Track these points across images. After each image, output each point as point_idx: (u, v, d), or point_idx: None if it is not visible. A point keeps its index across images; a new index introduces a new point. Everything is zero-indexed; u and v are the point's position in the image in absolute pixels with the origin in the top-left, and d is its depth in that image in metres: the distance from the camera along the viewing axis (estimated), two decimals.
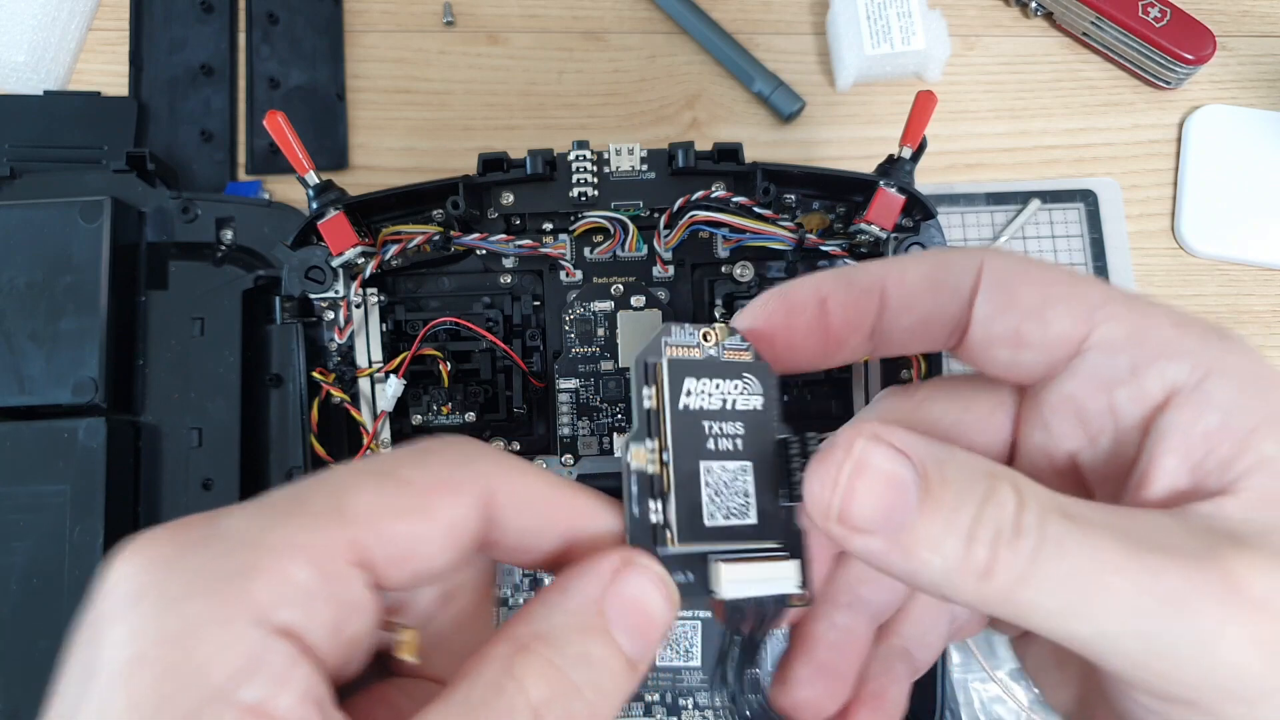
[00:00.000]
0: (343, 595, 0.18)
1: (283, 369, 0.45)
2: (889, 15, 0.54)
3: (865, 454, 0.20)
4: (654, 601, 0.20)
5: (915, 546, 0.19)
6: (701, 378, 0.23)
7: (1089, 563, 0.18)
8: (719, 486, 0.23)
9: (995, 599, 0.19)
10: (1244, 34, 0.58)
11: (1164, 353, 0.21)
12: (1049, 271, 0.22)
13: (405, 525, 0.19)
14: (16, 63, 0.51)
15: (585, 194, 0.43)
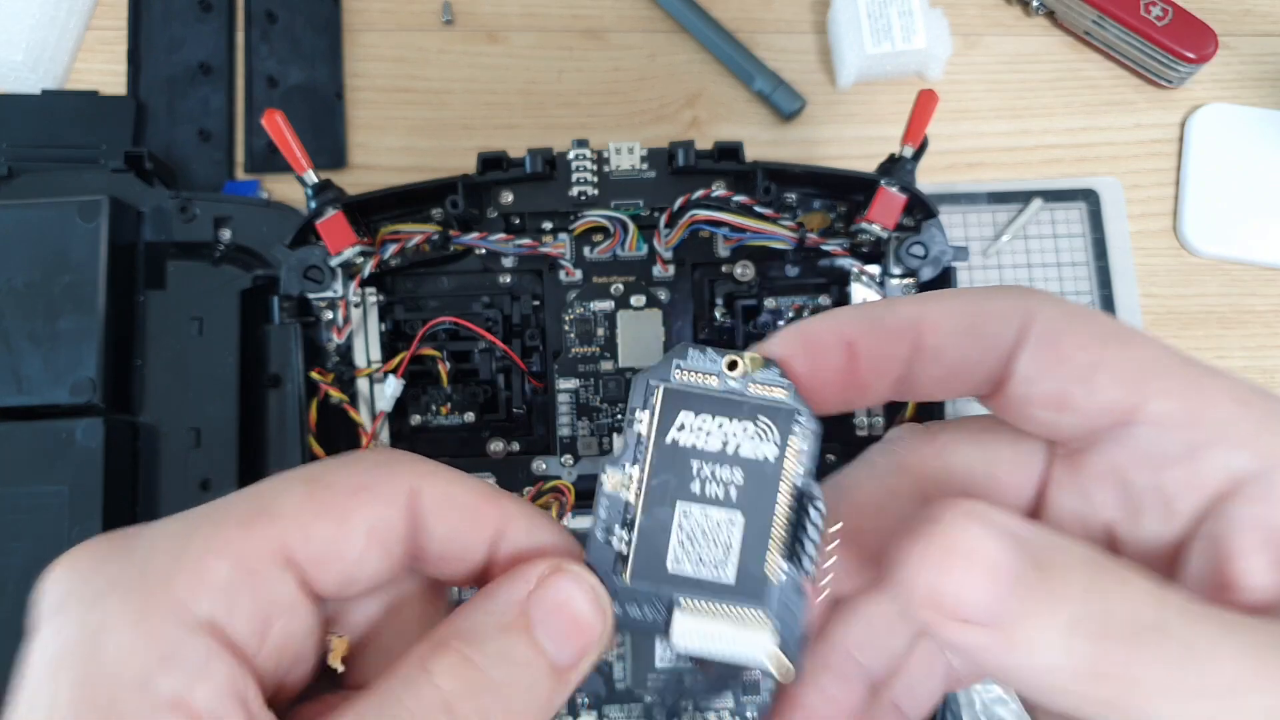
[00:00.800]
0: (267, 593, 0.19)
1: (281, 369, 0.45)
2: (890, 14, 0.54)
3: (965, 532, 0.18)
4: (582, 607, 0.20)
5: (1024, 640, 0.17)
6: (702, 413, 0.21)
7: (1222, 672, 0.16)
8: (694, 533, 0.21)
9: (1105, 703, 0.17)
10: (1246, 33, 0.57)
11: (1225, 437, 0.19)
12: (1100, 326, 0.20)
13: (327, 525, 0.19)
14: (14, 62, 0.51)
15: (585, 193, 0.43)
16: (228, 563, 0.18)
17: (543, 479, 0.43)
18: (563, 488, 0.42)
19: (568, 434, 0.43)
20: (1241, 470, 0.19)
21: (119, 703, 0.17)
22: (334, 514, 0.20)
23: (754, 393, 0.21)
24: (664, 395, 0.21)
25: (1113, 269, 0.54)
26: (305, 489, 0.20)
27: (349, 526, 0.20)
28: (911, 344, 0.21)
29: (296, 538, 0.19)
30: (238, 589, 0.18)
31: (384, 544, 0.20)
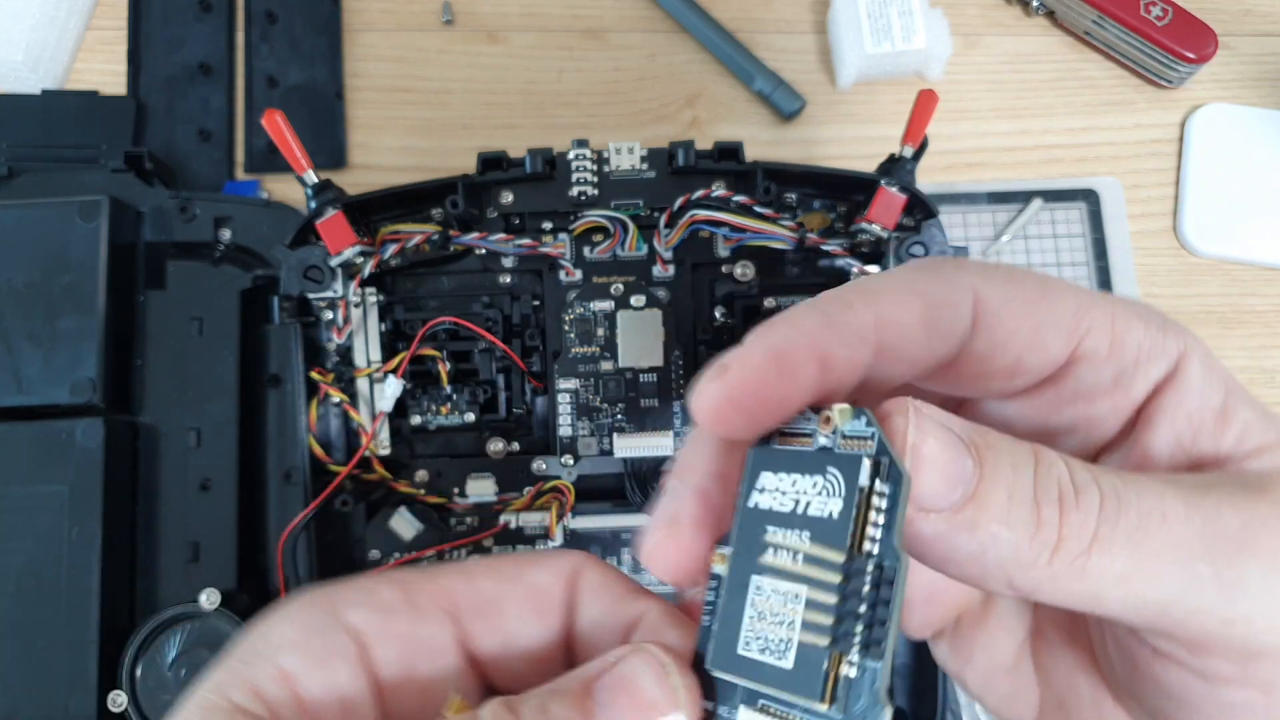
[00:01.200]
0: (421, 631, 0.21)
1: (281, 369, 0.45)
2: (890, 14, 0.54)
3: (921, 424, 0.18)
4: (646, 683, 0.19)
5: (982, 519, 0.18)
6: (780, 471, 0.19)
7: (1153, 513, 0.18)
8: (764, 610, 0.18)
9: (1062, 572, 0.18)
10: (1246, 33, 0.57)
11: (1142, 354, 0.21)
12: (1033, 288, 0.21)
13: (491, 580, 0.21)
14: (14, 62, 0.51)
15: (585, 193, 0.43)
16: (394, 589, 0.21)
17: (543, 479, 0.43)
18: (563, 488, 0.42)
19: (568, 434, 0.43)
20: (1158, 379, 0.21)
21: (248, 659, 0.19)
22: (500, 574, 0.22)
23: (842, 449, 0.18)
24: (752, 456, 0.19)
25: (1113, 269, 0.54)
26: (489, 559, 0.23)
27: (512, 583, 0.21)
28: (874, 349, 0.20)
29: (461, 583, 0.21)
30: (395, 612, 0.20)
31: (541, 606, 0.21)
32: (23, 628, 0.40)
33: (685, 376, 0.43)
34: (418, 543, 0.43)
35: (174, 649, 0.40)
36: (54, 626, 0.40)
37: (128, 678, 0.39)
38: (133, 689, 0.39)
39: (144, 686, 0.40)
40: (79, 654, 0.39)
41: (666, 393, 0.43)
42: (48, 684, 0.39)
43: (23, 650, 0.40)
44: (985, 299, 0.21)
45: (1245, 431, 0.20)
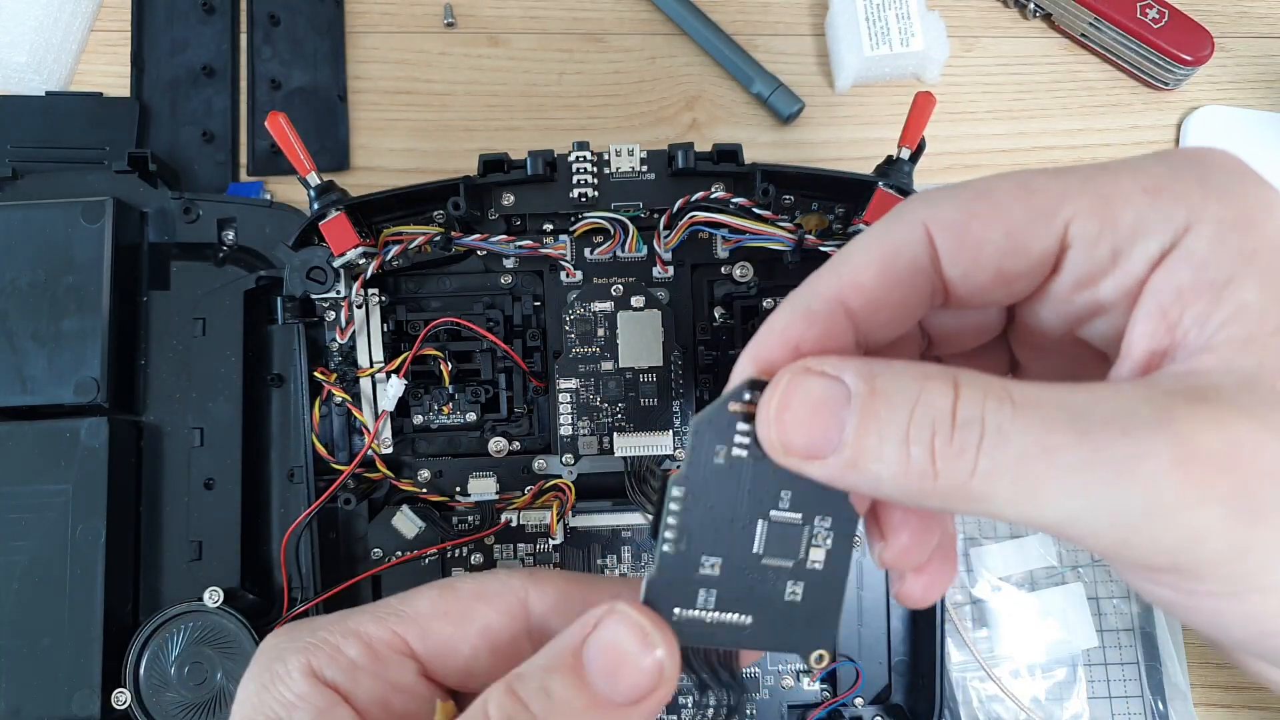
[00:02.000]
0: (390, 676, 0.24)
1: (284, 369, 0.45)
2: (888, 17, 0.54)
3: (791, 385, 0.20)
4: (626, 642, 0.21)
5: (861, 461, 0.20)
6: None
7: (1034, 445, 0.18)
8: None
9: (951, 496, 0.19)
10: (1242, 35, 0.58)
11: (1139, 228, 0.20)
12: (1000, 194, 0.21)
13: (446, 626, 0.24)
14: (18, 63, 0.52)
15: (585, 195, 0.43)
16: (358, 646, 0.24)
17: (544, 478, 0.44)
18: (563, 486, 0.43)
19: (568, 433, 0.43)
20: (1158, 248, 0.20)
21: None
22: (454, 616, 0.24)
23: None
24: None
25: None
26: (437, 593, 0.25)
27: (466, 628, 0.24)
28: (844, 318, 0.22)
29: (416, 634, 0.24)
30: (362, 667, 0.23)
31: (494, 643, 0.24)
32: (27, 625, 0.40)
33: (684, 376, 0.44)
34: (419, 541, 0.43)
35: (177, 647, 0.40)
36: (58, 624, 0.40)
37: (131, 675, 0.40)
38: (136, 687, 0.40)
39: (147, 684, 0.40)
40: (83, 652, 0.40)
41: (666, 392, 0.43)
42: (52, 681, 0.40)
43: (27, 648, 0.40)
44: (939, 226, 0.21)
45: (1238, 315, 0.19)
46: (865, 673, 0.43)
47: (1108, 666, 0.49)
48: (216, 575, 0.42)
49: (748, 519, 0.22)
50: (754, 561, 0.22)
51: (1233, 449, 0.17)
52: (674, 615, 0.22)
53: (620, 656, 0.21)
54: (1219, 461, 0.17)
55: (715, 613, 0.22)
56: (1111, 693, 0.49)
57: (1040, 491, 0.18)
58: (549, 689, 0.21)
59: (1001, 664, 0.49)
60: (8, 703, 0.40)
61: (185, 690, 0.40)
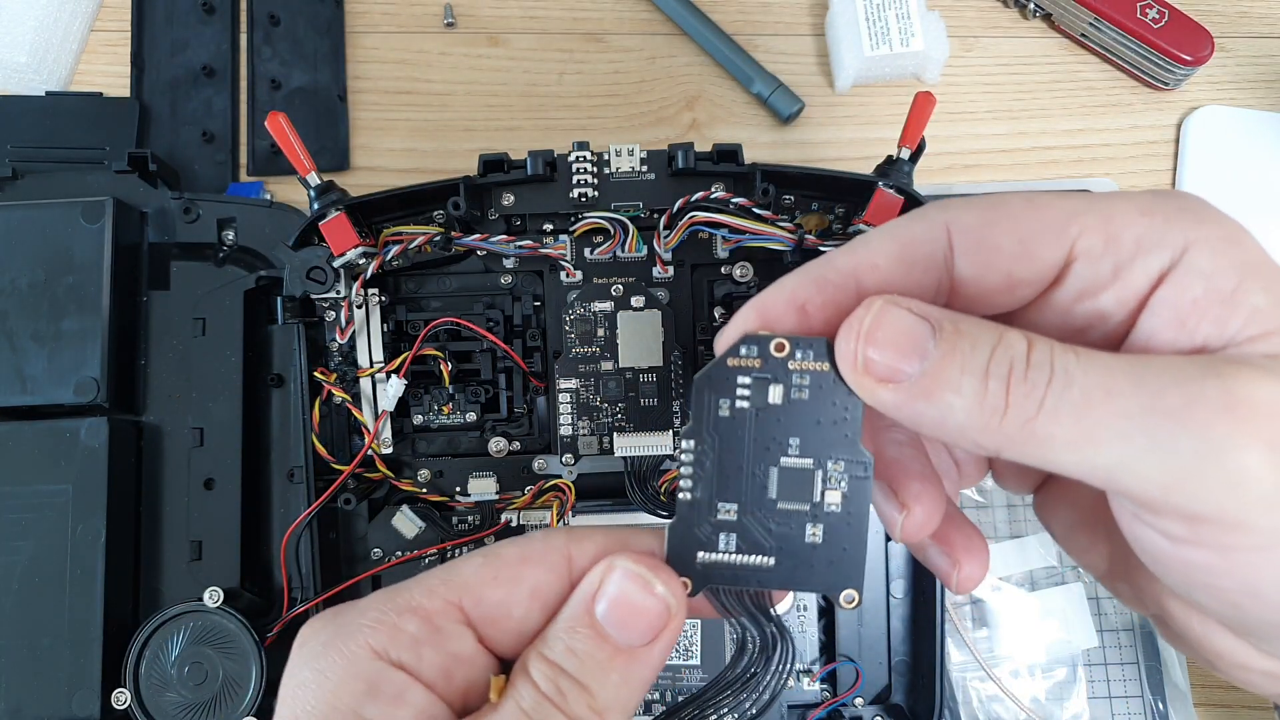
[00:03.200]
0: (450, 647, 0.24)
1: (284, 369, 0.45)
2: (888, 17, 0.54)
3: (883, 310, 0.22)
4: (631, 594, 0.23)
5: (936, 389, 0.21)
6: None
7: (1097, 389, 0.20)
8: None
9: (1014, 434, 0.20)
10: (1242, 35, 0.58)
11: (1141, 247, 0.22)
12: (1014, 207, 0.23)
13: (498, 589, 0.24)
14: (19, 64, 0.52)
15: (585, 195, 0.43)
16: (416, 621, 0.24)
17: (544, 478, 0.44)
18: (563, 486, 0.43)
19: (568, 433, 0.43)
20: (1161, 267, 0.22)
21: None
22: (503, 580, 0.24)
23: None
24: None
25: None
26: (482, 560, 0.25)
27: (516, 590, 0.24)
28: (854, 292, 0.24)
29: (470, 601, 0.24)
30: (424, 641, 0.23)
31: (545, 602, 0.24)
32: (27, 625, 0.40)
33: (684, 376, 0.44)
34: (419, 541, 0.43)
35: (177, 647, 0.40)
36: (58, 624, 0.40)
37: (131, 675, 0.40)
38: (136, 687, 0.40)
39: (147, 684, 0.40)
40: (83, 652, 0.40)
41: (666, 392, 0.43)
42: (52, 681, 0.40)
43: (27, 648, 0.40)
44: (959, 228, 0.23)
45: (1252, 317, 0.21)
46: (865, 673, 0.43)
47: (1108, 666, 0.49)
48: (216, 575, 0.42)
49: (759, 466, 0.24)
50: (770, 506, 0.24)
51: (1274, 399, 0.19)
52: (698, 559, 0.24)
53: (627, 605, 0.23)
54: (1266, 409, 0.19)
55: (738, 555, 0.24)
56: (1112, 693, 0.49)
57: (1098, 433, 0.20)
58: (574, 649, 0.23)
59: (1001, 664, 0.49)
60: (7, 703, 0.40)
61: (185, 690, 0.40)
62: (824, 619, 0.44)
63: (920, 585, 0.44)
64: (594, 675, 0.23)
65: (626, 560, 0.24)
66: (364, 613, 0.24)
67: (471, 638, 0.24)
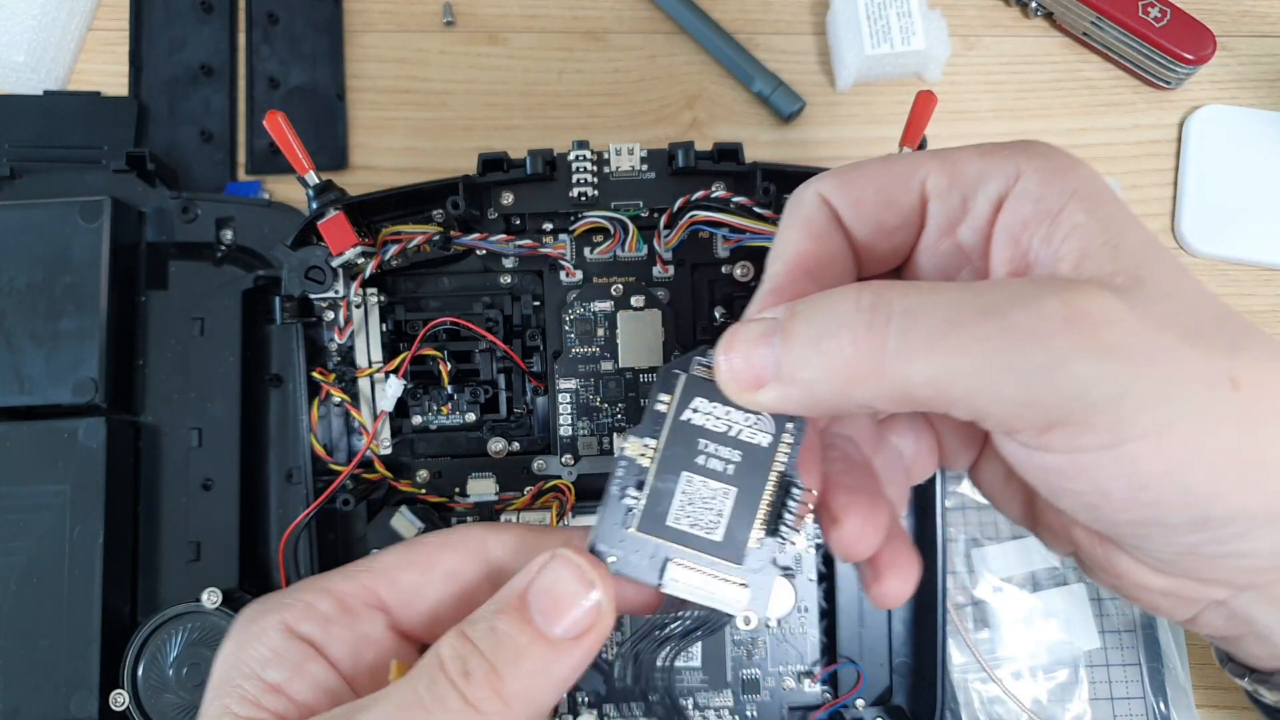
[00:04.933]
0: (360, 628, 0.25)
1: (283, 369, 0.45)
2: (889, 15, 0.54)
3: (732, 330, 0.24)
4: (566, 583, 0.24)
5: (793, 373, 0.23)
6: (715, 401, 0.25)
7: (943, 322, 0.21)
8: (694, 498, 0.25)
9: (873, 381, 0.22)
10: (1244, 34, 0.58)
11: (980, 178, 0.24)
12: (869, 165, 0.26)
13: (412, 573, 0.25)
14: (16, 62, 0.51)
15: (585, 194, 0.43)
16: (328, 600, 0.25)
17: (543, 479, 0.44)
18: (563, 487, 0.42)
19: (568, 434, 0.43)
20: (997, 191, 0.24)
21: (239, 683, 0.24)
22: (419, 565, 0.26)
23: None
24: (685, 382, 0.25)
25: None
26: (403, 547, 0.26)
27: (430, 574, 0.25)
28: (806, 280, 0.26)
29: (384, 585, 0.25)
30: (334, 620, 0.25)
31: (459, 586, 0.25)
32: (25, 627, 0.40)
33: None
34: None
35: (175, 648, 0.40)
36: (56, 625, 0.40)
37: (129, 676, 0.40)
38: (134, 688, 0.40)
39: (145, 685, 0.40)
40: (81, 653, 0.40)
41: None
42: (50, 683, 0.39)
43: (25, 649, 0.40)
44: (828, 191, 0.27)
45: (1072, 233, 0.23)
46: (866, 674, 0.43)
47: (1109, 668, 0.49)
48: (215, 576, 0.42)
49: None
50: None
51: (1105, 310, 0.21)
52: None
53: (560, 596, 0.23)
54: (1098, 318, 0.21)
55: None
56: (1114, 694, 0.49)
57: (952, 363, 0.21)
58: (495, 628, 0.23)
59: (1003, 665, 0.49)
60: (5, 704, 0.40)
61: (183, 691, 0.40)
62: (825, 620, 0.44)
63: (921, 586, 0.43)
64: (508, 658, 0.23)
65: (570, 552, 0.24)
66: (287, 593, 0.26)
67: (383, 621, 0.25)
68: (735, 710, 0.43)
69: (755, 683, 0.43)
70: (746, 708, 0.43)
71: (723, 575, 0.25)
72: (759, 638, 0.44)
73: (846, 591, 0.43)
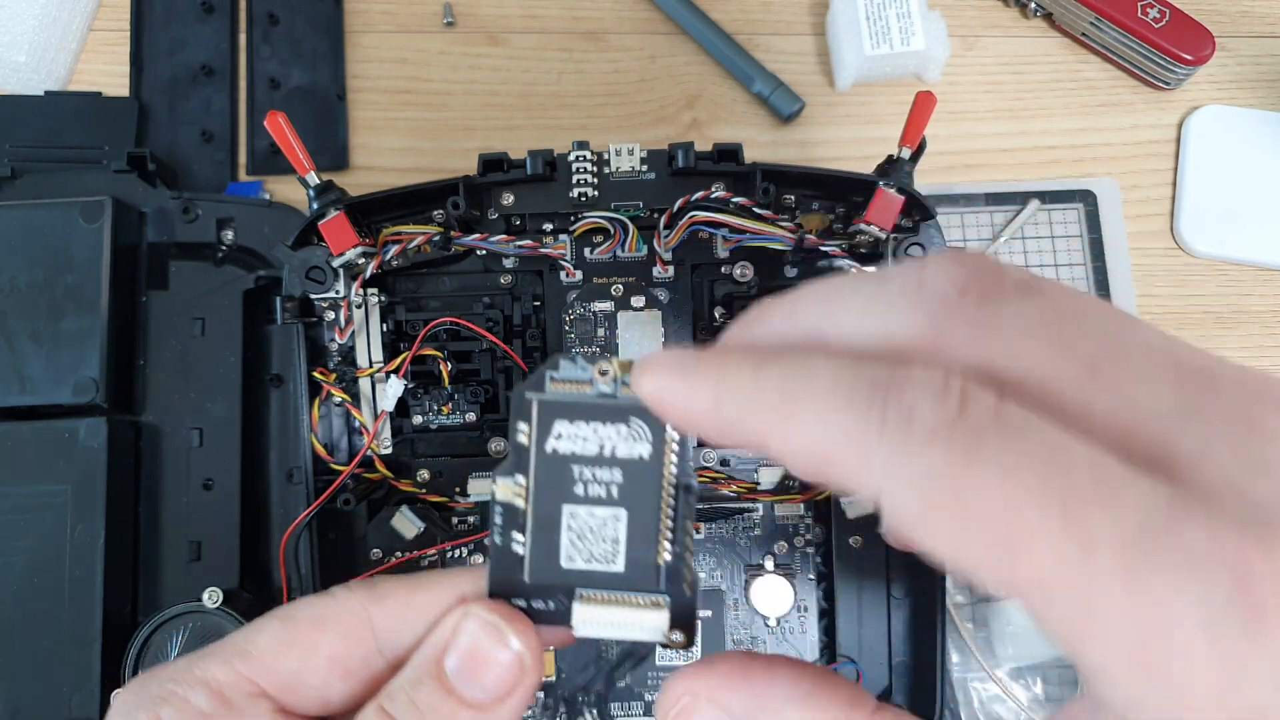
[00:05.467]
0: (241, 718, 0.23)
1: (283, 369, 0.45)
2: (888, 16, 0.54)
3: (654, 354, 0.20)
4: (482, 642, 0.22)
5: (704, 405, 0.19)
6: (577, 420, 0.22)
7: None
8: (583, 531, 0.22)
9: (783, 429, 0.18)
10: (1243, 34, 0.58)
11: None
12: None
13: (292, 658, 0.23)
14: (17, 63, 0.51)
15: (585, 194, 0.43)
16: (206, 695, 0.23)
17: None
18: None
19: None
20: None
21: None
22: (297, 648, 0.23)
23: (625, 395, 0.22)
24: (539, 407, 0.22)
25: (1110, 270, 0.54)
26: (279, 625, 0.24)
27: (311, 658, 0.23)
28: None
29: (261, 671, 0.23)
30: (212, 716, 0.22)
31: (346, 669, 0.23)
32: (26, 626, 0.40)
33: None
34: (419, 541, 0.43)
35: (176, 648, 0.40)
36: (57, 625, 0.40)
37: (130, 676, 0.40)
38: None
39: None
40: (82, 652, 0.40)
41: None
42: (50, 682, 0.39)
43: (26, 648, 0.40)
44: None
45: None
46: (866, 673, 0.43)
47: None
48: (215, 576, 0.42)
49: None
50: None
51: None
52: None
53: (478, 657, 0.22)
54: None
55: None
56: None
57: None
58: (416, 701, 0.22)
59: (1003, 664, 0.49)
60: (6, 704, 0.40)
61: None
62: (824, 619, 0.44)
63: (921, 586, 0.44)
64: None
65: (481, 609, 0.22)
66: (161, 683, 0.23)
67: (267, 708, 0.23)
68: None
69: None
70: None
71: (635, 601, 0.22)
72: (759, 637, 0.44)
73: (846, 591, 0.43)
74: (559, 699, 0.24)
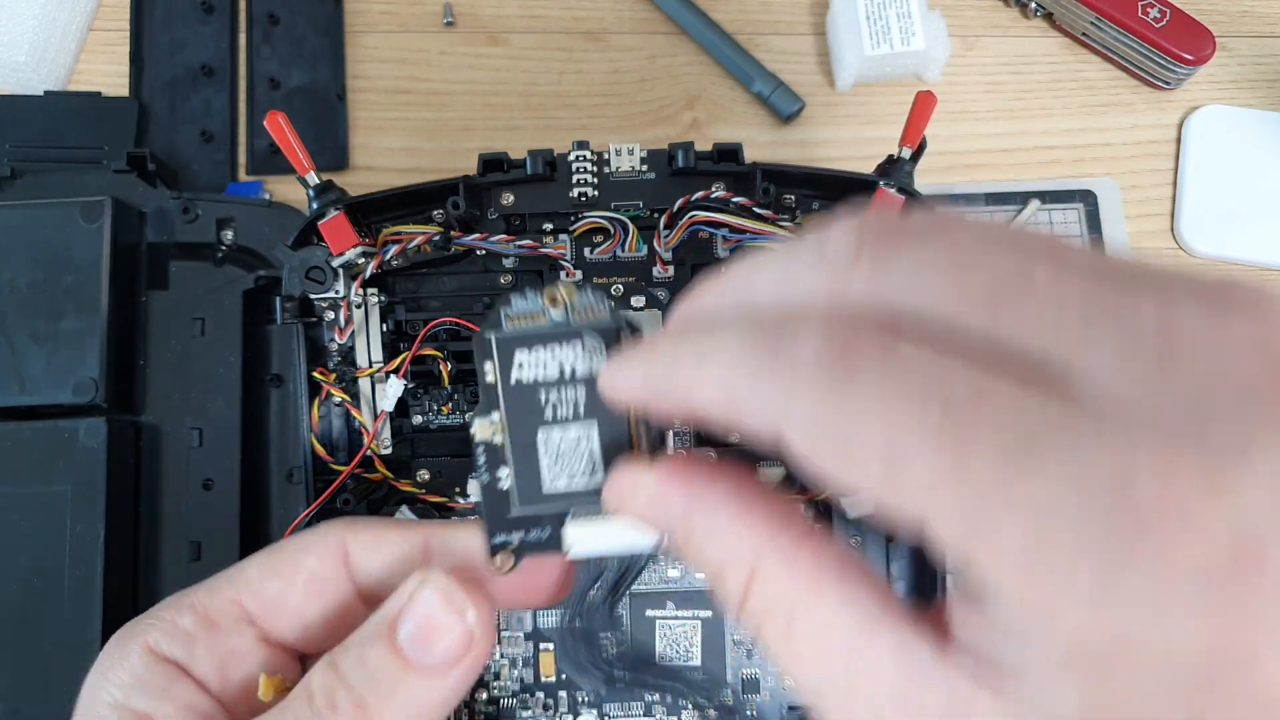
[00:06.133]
0: (227, 642, 0.24)
1: (283, 369, 0.45)
2: (889, 16, 0.54)
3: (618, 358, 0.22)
4: (436, 609, 0.22)
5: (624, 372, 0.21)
6: (535, 348, 0.23)
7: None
8: (559, 452, 0.23)
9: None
10: (1244, 34, 0.58)
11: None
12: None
13: (275, 582, 0.25)
14: (17, 63, 0.51)
15: (585, 194, 0.43)
16: (191, 617, 0.24)
17: None
18: None
19: None
20: None
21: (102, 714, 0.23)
22: (281, 571, 0.25)
23: (577, 320, 0.23)
24: (498, 344, 0.23)
25: None
26: (266, 555, 0.25)
27: (292, 579, 0.24)
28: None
29: (247, 593, 0.24)
30: (197, 637, 0.24)
31: (321, 590, 0.25)
32: (26, 626, 0.40)
33: None
34: None
35: None
36: (57, 625, 0.40)
37: None
38: None
39: None
40: (82, 652, 0.39)
41: None
42: (50, 683, 0.39)
43: (26, 649, 0.40)
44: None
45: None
46: None
47: None
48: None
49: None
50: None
51: None
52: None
53: (431, 624, 0.22)
54: None
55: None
56: None
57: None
58: (364, 659, 0.22)
59: None
60: (6, 704, 0.40)
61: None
62: None
63: (921, 585, 0.44)
64: (378, 692, 0.22)
65: (441, 578, 0.23)
66: (150, 613, 0.25)
67: (251, 633, 0.24)
68: (735, 709, 0.43)
69: (755, 682, 0.43)
70: (746, 707, 0.43)
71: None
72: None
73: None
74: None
